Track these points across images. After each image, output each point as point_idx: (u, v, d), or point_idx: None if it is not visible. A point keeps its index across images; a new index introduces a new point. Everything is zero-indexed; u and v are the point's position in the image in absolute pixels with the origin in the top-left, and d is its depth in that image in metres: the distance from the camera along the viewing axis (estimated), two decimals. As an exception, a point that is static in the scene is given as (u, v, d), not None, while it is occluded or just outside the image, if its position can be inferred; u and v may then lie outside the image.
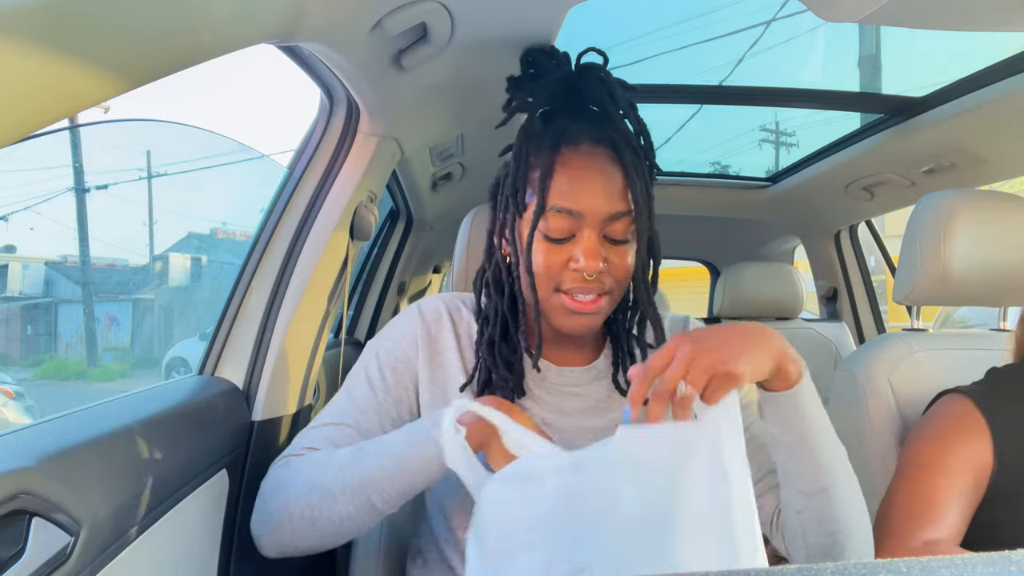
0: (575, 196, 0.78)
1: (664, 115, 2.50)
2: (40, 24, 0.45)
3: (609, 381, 0.90)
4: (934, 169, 1.70)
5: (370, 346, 0.91)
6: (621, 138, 0.81)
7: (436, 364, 0.88)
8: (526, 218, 0.82)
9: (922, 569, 0.28)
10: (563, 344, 0.90)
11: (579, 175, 0.79)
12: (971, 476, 0.91)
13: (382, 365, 0.88)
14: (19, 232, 8.33)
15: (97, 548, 0.66)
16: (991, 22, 0.95)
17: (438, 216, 2.42)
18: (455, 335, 0.90)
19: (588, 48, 0.88)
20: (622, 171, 0.80)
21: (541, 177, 0.79)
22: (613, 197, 0.79)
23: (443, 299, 0.94)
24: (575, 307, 0.80)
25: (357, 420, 0.85)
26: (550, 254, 0.80)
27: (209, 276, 8.85)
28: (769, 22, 2.67)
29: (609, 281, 0.80)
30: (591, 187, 0.79)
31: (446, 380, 0.88)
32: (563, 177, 0.79)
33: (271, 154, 1.79)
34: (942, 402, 1.01)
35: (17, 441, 0.63)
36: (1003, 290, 1.14)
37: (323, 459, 0.78)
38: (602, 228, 0.79)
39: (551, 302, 0.81)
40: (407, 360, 0.88)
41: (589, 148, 0.80)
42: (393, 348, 0.89)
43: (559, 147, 0.80)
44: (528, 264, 0.81)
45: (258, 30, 0.72)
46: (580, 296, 0.80)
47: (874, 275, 2.64)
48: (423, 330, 0.89)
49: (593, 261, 0.77)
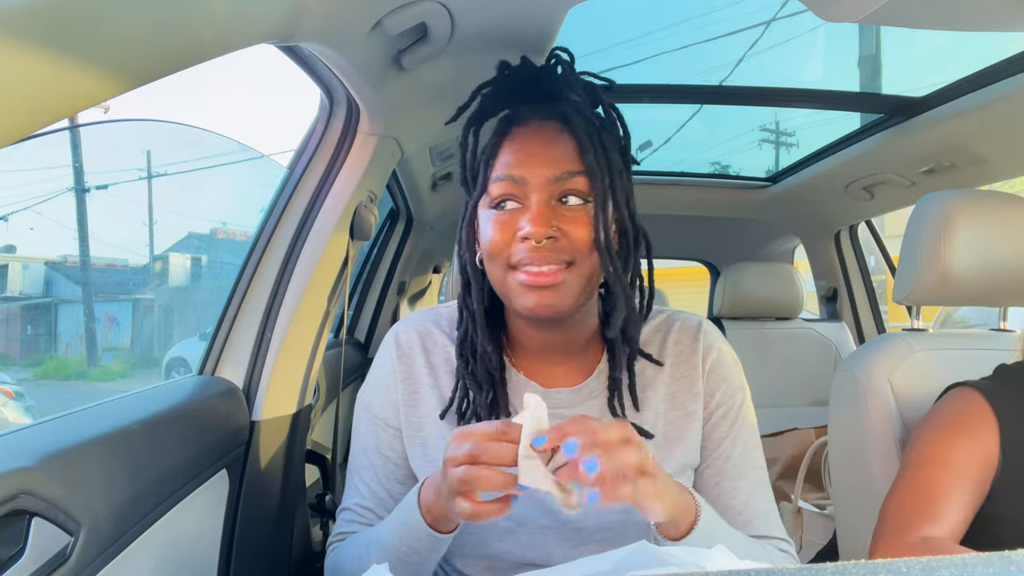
0: (519, 164, 0.75)
1: (664, 115, 2.50)
2: (40, 24, 0.45)
3: (602, 402, 0.81)
4: (934, 169, 1.70)
5: (361, 399, 0.90)
6: (574, 112, 0.77)
7: (414, 405, 0.85)
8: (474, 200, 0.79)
9: (922, 569, 0.28)
10: (550, 361, 0.83)
11: (525, 145, 0.76)
12: (975, 472, 0.90)
13: (377, 425, 0.87)
14: (19, 232, 8.32)
15: (97, 548, 0.66)
16: (991, 22, 0.95)
17: (438, 216, 2.42)
18: (429, 366, 0.86)
19: (554, 48, 0.82)
20: (573, 138, 0.75)
21: (488, 155, 0.77)
22: (560, 158, 0.74)
23: (415, 326, 0.89)
24: (530, 280, 0.72)
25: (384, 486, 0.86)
26: (498, 228, 0.75)
27: (209, 276, 8.84)
28: (769, 22, 2.67)
29: (567, 250, 0.73)
30: (535, 151, 0.75)
31: (423, 423, 0.85)
32: (508, 150, 0.76)
33: (271, 154, 1.79)
34: (950, 395, 1.00)
35: (17, 441, 0.63)
36: (1003, 290, 1.14)
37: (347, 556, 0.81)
38: (551, 192, 0.74)
39: (508, 283, 0.75)
40: (396, 411, 0.86)
41: (539, 123, 0.77)
42: (379, 405, 0.87)
43: (510, 126, 0.78)
44: (483, 244, 0.77)
45: (258, 30, 0.72)
46: (533, 267, 0.73)
47: (874, 275, 2.64)
48: (399, 370, 0.86)
49: (540, 226, 0.71)
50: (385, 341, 0.90)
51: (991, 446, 0.91)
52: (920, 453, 0.95)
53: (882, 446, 1.11)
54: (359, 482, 0.87)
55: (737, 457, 0.83)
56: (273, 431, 1.14)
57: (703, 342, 0.85)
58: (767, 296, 2.39)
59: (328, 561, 0.86)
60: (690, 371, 0.84)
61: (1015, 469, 0.90)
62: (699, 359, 0.84)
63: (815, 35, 2.76)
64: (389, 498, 0.86)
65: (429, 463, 0.83)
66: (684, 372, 0.84)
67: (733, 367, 0.86)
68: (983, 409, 0.94)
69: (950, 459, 0.91)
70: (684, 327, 0.87)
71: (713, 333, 0.87)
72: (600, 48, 2.18)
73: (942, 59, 1.82)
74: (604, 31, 0.79)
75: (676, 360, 0.85)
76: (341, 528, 0.87)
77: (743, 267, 2.42)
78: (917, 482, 0.92)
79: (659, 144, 2.63)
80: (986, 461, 0.91)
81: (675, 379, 0.84)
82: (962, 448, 0.92)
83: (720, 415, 0.84)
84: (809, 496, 1.93)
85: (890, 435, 1.11)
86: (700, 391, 0.83)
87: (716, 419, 0.84)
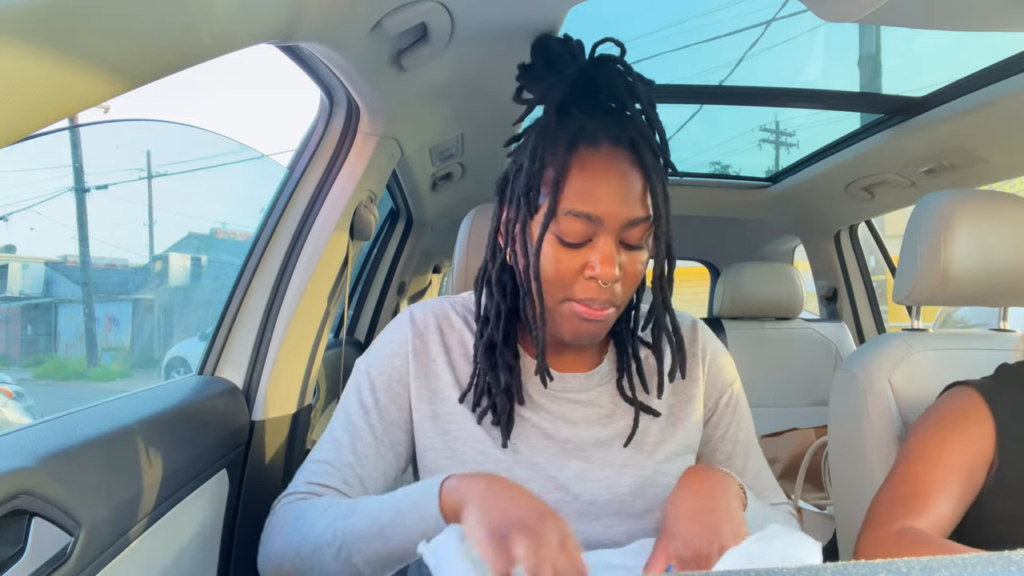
0: (593, 199, 0.73)
1: (664, 115, 2.50)
2: (40, 24, 0.45)
3: (612, 387, 0.86)
4: (934, 169, 1.70)
5: (360, 364, 0.87)
6: (641, 139, 0.77)
7: (426, 378, 0.85)
8: (537, 220, 0.76)
9: (922, 569, 0.28)
10: (563, 349, 0.86)
11: (598, 177, 0.74)
12: (965, 470, 0.91)
13: (375, 388, 0.84)
14: (19, 232, 8.33)
15: (97, 548, 0.66)
16: (991, 22, 0.95)
17: (438, 216, 2.42)
18: (444, 347, 0.86)
19: (605, 38, 0.81)
20: (642, 174, 0.76)
21: (556, 178, 0.74)
22: (632, 202, 0.74)
23: (432, 309, 0.89)
24: (586, 313, 0.76)
25: (355, 448, 0.82)
26: (562, 260, 0.75)
27: (209, 276, 8.85)
28: (769, 22, 2.67)
29: (621, 291, 0.77)
30: (610, 190, 0.74)
31: (436, 397, 0.84)
32: (580, 179, 0.74)
33: (271, 154, 1.79)
34: (948, 394, 1.01)
35: (17, 441, 0.63)
36: (1003, 290, 1.14)
37: (319, 508, 0.75)
38: (619, 234, 0.75)
39: (560, 310, 0.77)
40: (400, 379, 0.85)
41: (609, 148, 0.75)
42: (385, 368, 0.85)
43: (576, 146, 0.75)
44: (537, 269, 0.76)
45: (258, 30, 0.72)
46: (595, 306, 0.75)
47: (874, 275, 2.64)
48: (413, 343, 0.85)
49: (610, 268, 0.73)
50: (399, 317, 0.89)
51: (985, 445, 0.92)
52: (910, 450, 0.96)
53: (882, 446, 1.11)
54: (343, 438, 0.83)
55: (743, 439, 0.93)
56: (273, 431, 1.14)
57: (700, 337, 0.93)
58: (767, 296, 2.39)
59: (283, 511, 0.79)
60: (690, 359, 0.90)
61: (1012, 468, 0.90)
62: (699, 349, 0.92)
63: (815, 35, 2.76)
64: (376, 456, 0.82)
65: (440, 435, 0.83)
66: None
67: (727, 360, 0.94)
68: (980, 408, 0.94)
69: (939, 457, 0.92)
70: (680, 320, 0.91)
71: (706, 330, 0.95)
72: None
73: (942, 59, 1.82)
74: (604, 31, 0.79)
75: None
76: (311, 479, 0.81)
77: (743, 267, 2.42)
78: (904, 477, 0.94)
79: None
80: (979, 460, 0.91)
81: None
82: (953, 446, 0.92)
83: (724, 404, 0.92)
84: (809, 496, 1.93)
85: (890, 435, 1.11)
86: (700, 378, 0.90)
87: (720, 408, 0.92)
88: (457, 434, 0.82)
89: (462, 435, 0.82)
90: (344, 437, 0.83)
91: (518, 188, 0.78)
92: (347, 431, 0.83)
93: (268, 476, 1.13)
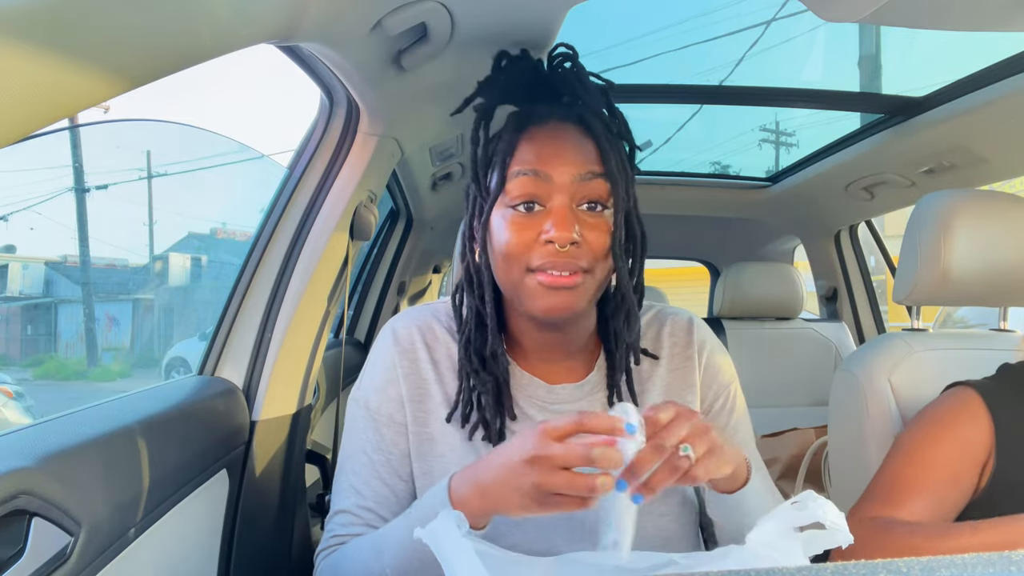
0: (541, 160, 0.73)
1: (664, 115, 2.50)
2: (40, 24, 0.45)
3: (603, 396, 0.84)
4: (934, 169, 1.70)
5: (359, 399, 0.85)
6: (592, 115, 0.76)
7: (420, 400, 0.83)
8: (491, 200, 0.76)
9: (922, 569, 0.28)
10: (552, 358, 0.84)
11: (546, 141, 0.74)
12: (953, 470, 0.91)
13: (379, 424, 0.83)
14: (19, 232, 8.33)
15: (97, 548, 0.66)
16: (991, 22, 0.95)
17: (438, 216, 2.42)
18: (432, 362, 0.84)
19: (558, 44, 0.82)
20: (593, 141, 0.75)
21: (504, 152, 0.74)
22: (582, 160, 0.73)
23: (415, 322, 0.87)
24: (550, 281, 0.72)
25: (371, 492, 0.81)
26: (518, 229, 0.73)
27: (209, 276, 8.85)
28: (769, 22, 2.67)
29: (586, 256, 0.73)
30: (558, 148, 0.73)
31: (430, 418, 0.83)
32: (528, 147, 0.74)
33: (271, 154, 1.79)
34: (946, 394, 1.01)
35: (17, 441, 0.63)
36: (1003, 290, 1.14)
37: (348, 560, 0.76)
38: (573, 194, 0.73)
39: (525, 284, 0.74)
40: (400, 408, 0.83)
41: (556, 123, 0.75)
42: (383, 400, 0.83)
43: (526, 126, 0.76)
44: (498, 247, 0.75)
45: (258, 30, 0.72)
46: (555, 272, 0.72)
47: (874, 275, 2.64)
48: (401, 365, 0.83)
49: (565, 230, 0.70)
50: (381, 337, 0.87)
51: (979, 446, 0.92)
52: (898, 447, 0.97)
53: (882, 446, 1.11)
54: (357, 483, 0.82)
55: (739, 442, 0.88)
56: (273, 431, 1.14)
57: (696, 335, 0.89)
58: (767, 296, 2.39)
59: (321, 570, 0.80)
60: (685, 363, 0.87)
61: (1010, 468, 0.90)
62: (695, 351, 0.88)
63: (815, 35, 2.75)
64: (392, 495, 0.82)
65: (438, 459, 0.82)
66: (679, 364, 0.87)
67: (724, 358, 0.90)
68: (976, 409, 0.94)
69: (923, 455, 0.93)
70: (676, 321, 0.90)
71: (703, 327, 0.90)
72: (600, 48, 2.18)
73: (942, 59, 1.82)
74: (604, 31, 0.79)
75: (671, 353, 0.88)
76: (336, 532, 0.81)
77: (743, 267, 2.42)
78: (887, 471, 0.95)
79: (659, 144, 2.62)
80: (970, 461, 0.92)
81: (671, 371, 0.87)
82: (940, 446, 0.93)
83: (719, 406, 0.88)
84: (809, 496, 1.92)
85: (890, 435, 1.11)
86: (696, 383, 0.87)
87: (716, 410, 0.88)
88: (450, 456, 0.81)
89: (454, 457, 0.81)
90: (358, 482, 0.82)
91: (478, 171, 0.79)
92: (359, 475, 0.82)
93: (268, 476, 1.13)
